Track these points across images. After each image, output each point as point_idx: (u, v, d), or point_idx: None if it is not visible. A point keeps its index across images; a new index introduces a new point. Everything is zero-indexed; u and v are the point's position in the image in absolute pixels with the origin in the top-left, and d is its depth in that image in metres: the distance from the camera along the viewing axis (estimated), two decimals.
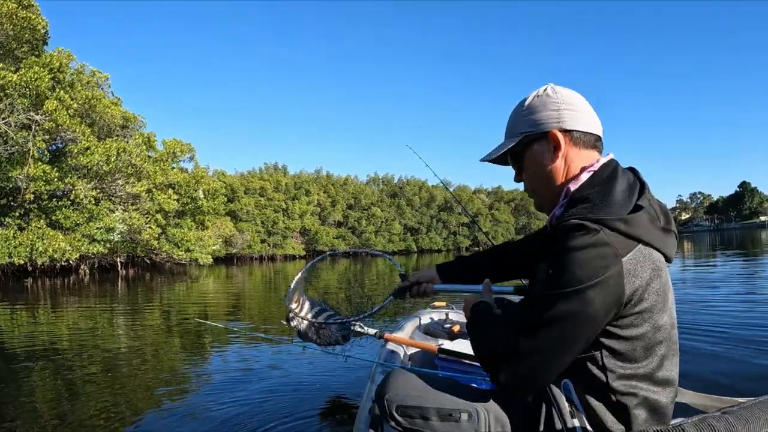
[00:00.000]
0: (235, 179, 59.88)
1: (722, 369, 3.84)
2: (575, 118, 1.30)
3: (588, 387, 1.22)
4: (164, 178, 30.23)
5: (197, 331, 6.93)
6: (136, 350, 5.56)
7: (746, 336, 4.84)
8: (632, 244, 1.14)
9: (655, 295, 1.17)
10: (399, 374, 1.51)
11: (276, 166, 70.94)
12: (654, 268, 1.17)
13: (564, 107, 1.30)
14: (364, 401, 2.28)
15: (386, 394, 1.44)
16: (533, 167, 1.37)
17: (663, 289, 1.20)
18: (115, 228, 25.89)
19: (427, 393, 1.41)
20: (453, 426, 1.36)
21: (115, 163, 24.50)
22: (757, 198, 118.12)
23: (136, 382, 4.19)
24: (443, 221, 79.95)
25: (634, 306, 1.14)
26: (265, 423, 3.04)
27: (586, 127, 1.31)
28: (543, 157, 1.33)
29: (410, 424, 1.40)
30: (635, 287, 1.13)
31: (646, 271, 1.15)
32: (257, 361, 4.72)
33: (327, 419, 3.10)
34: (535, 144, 1.34)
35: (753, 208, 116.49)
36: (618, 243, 1.12)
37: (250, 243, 54.62)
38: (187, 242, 31.90)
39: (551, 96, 1.32)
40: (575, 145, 1.30)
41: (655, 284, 1.17)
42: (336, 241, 66.84)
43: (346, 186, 73.71)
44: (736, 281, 10.14)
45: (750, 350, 4.29)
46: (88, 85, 27.42)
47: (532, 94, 1.36)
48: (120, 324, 7.84)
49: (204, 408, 3.41)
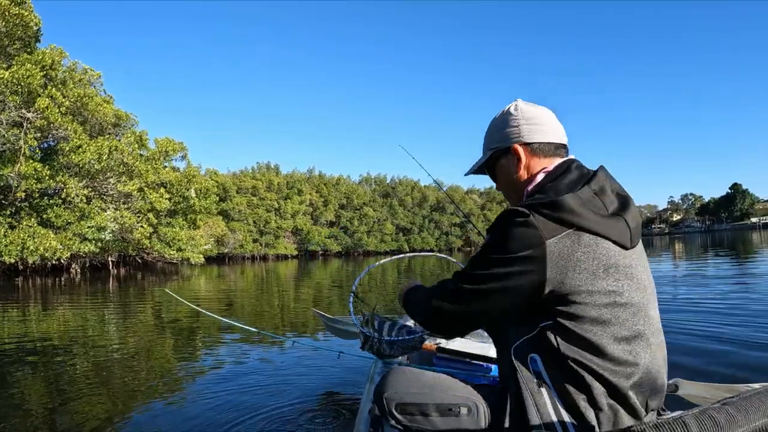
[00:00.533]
0: (228, 178, 59.71)
1: (721, 359, 3.92)
2: (534, 131, 1.45)
3: (551, 362, 1.26)
4: (156, 177, 30.11)
5: (189, 330, 6.92)
6: (128, 349, 5.53)
7: (741, 330, 4.96)
8: (561, 229, 1.22)
9: (591, 275, 1.22)
10: (397, 372, 1.52)
11: (268, 166, 70.73)
12: (590, 251, 1.23)
13: (524, 123, 1.46)
14: (364, 402, 2.29)
15: (385, 393, 1.45)
16: (503, 177, 1.55)
17: (610, 271, 1.24)
18: (107, 227, 25.74)
19: (426, 389, 1.42)
20: (453, 420, 1.38)
21: (107, 161, 24.39)
22: (748, 200, 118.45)
23: (129, 382, 4.16)
24: (435, 221, 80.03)
25: (570, 286, 1.21)
26: (263, 425, 3.01)
27: (545, 138, 1.45)
28: (509, 168, 1.49)
29: (410, 421, 1.41)
30: (563, 268, 1.21)
31: (579, 253, 1.22)
32: (252, 362, 4.69)
33: (327, 421, 3.07)
34: (502, 158, 1.51)
35: (744, 210, 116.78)
36: (545, 226, 1.21)
37: (242, 242, 54.48)
38: (178, 241, 31.78)
39: (513, 114, 1.48)
40: (535, 155, 1.45)
41: (592, 265, 1.22)
42: (328, 241, 66.75)
43: (338, 186, 73.62)
44: (728, 279, 10.21)
45: (742, 344, 4.38)
46: (80, 82, 27.23)
47: (499, 113, 1.53)
48: (111, 323, 7.80)
49: (198, 408, 3.37)
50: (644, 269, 1.34)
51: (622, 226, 1.28)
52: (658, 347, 1.32)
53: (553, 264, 1.20)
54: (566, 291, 1.21)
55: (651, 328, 1.29)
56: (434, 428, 1.40)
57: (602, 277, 1.23)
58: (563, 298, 1.22)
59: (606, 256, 1.24)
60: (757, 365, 3.73)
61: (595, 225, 1.24)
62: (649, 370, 1.27)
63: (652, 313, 1.32)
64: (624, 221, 1.29)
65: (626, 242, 1.28)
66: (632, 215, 1.32)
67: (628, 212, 1.31)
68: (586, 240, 1.23)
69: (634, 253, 1.31)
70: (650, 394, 1.29)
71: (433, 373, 1.51)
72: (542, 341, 1.26)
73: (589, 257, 1.22)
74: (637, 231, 1.33)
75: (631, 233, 1.30)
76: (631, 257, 1.30)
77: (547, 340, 1.25)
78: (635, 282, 1.28)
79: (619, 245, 1.27)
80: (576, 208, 1.23)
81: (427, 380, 1.46)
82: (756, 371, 3.55)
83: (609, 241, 1.25)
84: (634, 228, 1.31)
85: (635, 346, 1.25)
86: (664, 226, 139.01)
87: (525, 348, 1.30)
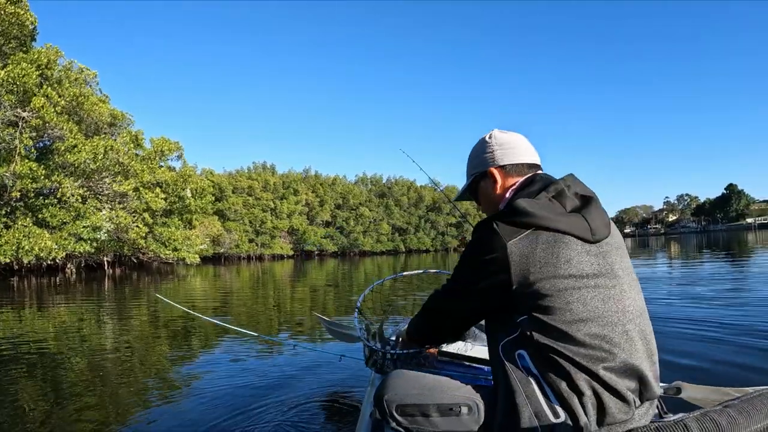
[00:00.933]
0: (223, 178, 59.65)
1: (722, 362, 3.91)
2: (506, 155, 1.61)
3: (535, 355, 1.32)
4: (152, 177, 30.05)
5: (186, 331, 6.87)
6: (124, 350, 5.49)
7: (738, 331, 4.97)
8: (520, 231, 1.33)
9: (553, 268, 1.31)
10: (397, 375, 1.53)
11: (264, 166, 70.70)
12: (549, 247, 1.32)
13: (497, 149, 1.63)
14: (365, 405, 2.28)
15: (385, 396, 1.46)
16: (483, 198, 1.71)
17: (572, 263, 1.32)
18: (102, 227, 25.66)
19: (426, 391, 1.44)
20: (454, 420, 1.39)
21: (102, 161, 24.32)
22: (743, 200, 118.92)
23: (124, 382, 4.12)
24: (431, 222, 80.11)
25: (534, 280, 1.30)
26: (264, 429, 2.97)
27: (517, 159, 1.61)
28: (487, 189, 1.66)
29: (411, 422, 1.42)
30: (525, 265, 1.31)
31: (538, 250, 1.32)
32: (252, 364, 4.62)
33: (329, 425, 3.06)
34: (482, 181, 1.67)
35: (739, 211, 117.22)
36: (504, 231, 1.34)
37: (238, 242, 54.39)
38: (174, 241, 31.72)
39: (488, 142, 1.66)
40: (509, 175, 1.61)
41: (552, 259, 1.31)
42: (324, 241, 66.71)
43: (334, 186, 73.63)
44: (726, 279, 10.23)
45: (743, 346, 4.38)
46: (75, 82, 27.12)
47: (477, 143, 1.71)
48: (107, 323, 7.69)
49: (194, 411, 3.33)
50: (618, 260, 1.41)
51: (580, 222, 1.37)
52: (639, 334, 1.35)
53: (515, 263, 1.31)
54: (532, 286, 1.30)
55: (627, 316, 1.34)
56: (435, 429, 1.41)
57: (564, 269, 1.31)
58: (531, 293, 1.31)
59: (567, 249, 1.32)
60: (758, 368, 3.72)
61: (551, 222, 1.34)
62: (630, 356, 1.31)
63: (628, 301, 1.36)
64: (582, 218, 1.38)
65: (587, 236, 1.36)
66: (593, 211, 1.41)
67: (587, 209, 1.41)
68: (545, 237, 1.33)
69: (602, 246, 1.39)
70: (639, 381, 1.31)
71: (432, 375, 1.53)
72: (524, 337, 1.33)
73: (548, 253, 1.31)
74: (600, 225, 1.40)
75: (591, 227, 1.37)
76: (598, 250, 1.37)
77: (527, 335, 1.32)
78: (603, 271, 1.35)
79: (581, 239, 1.35)
80: (530, 210, 1.34)
81: (427, 382, 1.48)
82: (758, 374, 3.56)
83: (569, 236, 1.34)
84: (595, 223, 1.39)
85: (608, 332, 1.30)
86: (660, 227, 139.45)
87: (511, 346, 1.36)
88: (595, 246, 1.37)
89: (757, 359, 3.95)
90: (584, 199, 1.45)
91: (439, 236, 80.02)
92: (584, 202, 1.44)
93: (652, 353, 1.38)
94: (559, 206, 1.39)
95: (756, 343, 4.44)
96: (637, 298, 1.41)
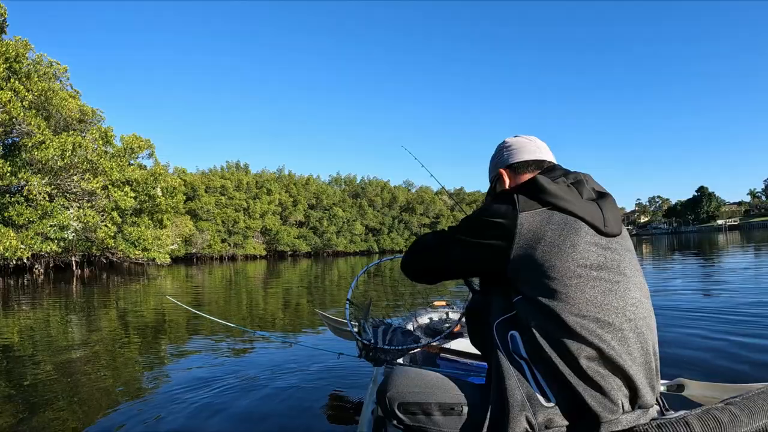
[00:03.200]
0: (196, 177, 58.83)
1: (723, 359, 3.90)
2: (513, 155, 1.67)
3: (527, 338, 1.33)
4: (121, 175, 29.36)
5: (155, 330, 6.73)
6: (93, 353, 5.30)
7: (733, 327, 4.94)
8: (536, 206, 1.37)
9: (557, 250, 1.31)
10: (399, 372, 1.53)
11: (238, 165, 70.09)
12: (559, 228, 1.33)
13: (505, 151, 1.70)
14: (366, 402, 2.28)
15: (387, 393, 1.45)
16: None
17: (578, 248, 1.32)
18: (69, 226, 25.02)
19: (428, 389, 1.43)
20: (455, 419, 1.39)
21: (71, 158, 23.72)
22: (714, 202, 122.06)
23: (95, 387, 3.96)
24: (405, 222, 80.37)
25: (537, 258, 1.31)
26: (264, 427, 2.94)
27: (524, 157, 1.65)
28: (501, 189, 1.67)
29: (413, 420, 1.42)
30: (530, 240, 1.32)
31: (547, 228, 1.33)
32: (249, 364, 4.52)
33: (330, 422, 3.04)
34: (497, 184, 1.71)
35: (710, 212, 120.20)
36: (522, 202, 1.37)
37: (210, 242, 53.78)
38: (144, 241, 31.07)
39: (499, 147, 1.75)
40: (517, 174, 1.64)
41: (559, 240, 1.32)
42: (297, 241, 66.42)
43: (308, 186, 73.33)
44: (696, 278, 10.38)
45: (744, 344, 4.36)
46: (45, 76, 26.40)
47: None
48: (75, 326, 7.57)
49: (169, 416, 3.21)
50: (626, 259, 1.40)
51: (595, 210, 1.39)
52: (636, 337, 1.32)
53: (521, 235, 1.33)
54: (533, 263, 1.31)
55: (626, 315, 1.32)
56: (437, 427, 1.40)
57: (567, 253, 1.30)
58: (530, 271, 1.32)
59: (575, 235, 1.33)
60: (760, 364, 3.71)
61: (567, 204, 1.36)
62: (620, 357, 1.28)
63: (631, 301, 1.34)
64: (597, 206, 1.40)
65: (599, 225, 1.37)
66: (608, 205, 1.43)
67: (603, 201, 1.43)
68: (557, 218, 1.34)
69: (612, 242, 1.39)
70: (628, 385, 1.29)
71: (435, 373, 1.53)
72: (517, 318, 1.35)
73: (557, 234, 1.32)
74: (613, 219, 1.41)
75: (604, 217, 1.38)
76: (607, 244, 1.37)
77: (521, 316, 1.34)
78: (609, 265, 1.35)
79: (593, 227, 1.36)
80: (548, 187, 1.38)
81: (429, 380, 1.47)
82: (760, 371, 3.54)
83: (582, 221, 1.35)
84: (609, 215, 1.40)
85: (601, 328, 1.28)
86: (632, 228, 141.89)
87: (505, 325, 1.39)
88: (605, 239, 1.38)
89: (760, 356, 3.93)
90: (600, 194, 1.48)
91: (413, 237, 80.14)
92: (600, 196, 1.47)
93: (650, 360, 1.34)
94: (576, 193, 1.42)
95: (757, 342, 4.41)
96: (644, 301, 1.39)
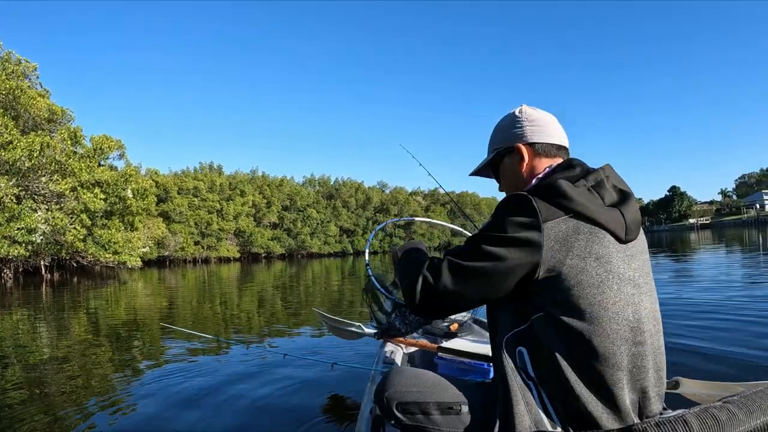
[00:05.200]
0: (169, 179, 57.93)
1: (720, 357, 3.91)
2: (536, 132, 1.51)
3: (537, 356, 1.28)
4: (90, 176, 28.76)
5: (128, 337, 6.56)
6: (64, 361, 5.13)
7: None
8: (559, 213, 1.25)
9: (583, 262, 1.24)
10: (398, 372, 1.51)
11: (211, 166, 69.27)
12: (584, 238, 1.25)
13: (527, 125, 1.52)
14: (365, 402, 2.29)
15: (386, 392, 1.44)
16: (506, 176, 1.59)
17: (601, 261, 1.25)
18: (37, 229, 24.42)
19: (427, 388, 1.42)
20: (454, 419, 1.38)
21: (38, 158, 23.18)
22: (685, 202, 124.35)
23: (66, 396, 3.85)
24: (379, 223, 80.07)
25: (563, 271, 1.23)
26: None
27: (548, 139, 1.51)
28: (513, 167, 1.54)
29: (411, 420, 1.40)
30: (557, 252, 1.23)
31: (573, 239, 1.24)
32: (237, 375, 4.37)
33: (326, 425, 3.03)
34: (506, 157, 1.56)
35: (682, 211, 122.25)
36: (544, 209, 1.25)
37: (183, 245, 53.10)
38: (114, 244, 30.49)
39: (518, 116, 1.54)
40: (538, 155, 1.50)
41: (584, 252, 1.24)
42: (271, 243, 66.01)
43: (281, 187, 72.90)
44: (668, 274, 10.52)
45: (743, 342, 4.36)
46: (12, 74, 25.70)
47: (504, 116, 1.60)
48: (44, 332, 7.36)
49: (143, 425, 3.16)
50: (641, 265, 1.35)
51: (618, 218, 1.31)
52: (650, 348, 1.30)
53: (548, 247, 1.23)
54: (558, 276, 1.23)
55: (642, 326, 1.28)
56: (435, 427, 1.39)
57: (593, 266, 1.24)
58: (555, 284, 1.24)
59: (600, 245, 1.26)
60: (758, 363, 3.69)
61: (591, 212, 1.26)
62: (638, 371, 1.26)
63: (644, 312, 1.30)
64: (620, 213, 1.32)
65: (621, 234, 1.30)
66: (630, 209, 1.35)
67: (625, 205, 1.34)
68: (583, 227, 1.26)
69: (629, 248, 1.33)
70: (641, 397, 1.28)
71: (434, 373, 1.51)
72: (531, 334, 1.28)
73: (582, 244, 1.24)
74: (634, 225, 1.34)
75: (626, 225, 1.31)
76: (626, 252, 1.31)
77: (535, 332, 1.27)
78: (628, 276, 1.29)
79: (615, 237, 1.29)
80: (571, 194, 1.26)
81: (428, 379, 1.46)
82: (758, 369, 3.53)
83: (605, 230, 1.28)
84: (630, 221, 1.33)
85: (619, 342, 1.24)
86: None
87: (514, 341, 1.31)
88: (624, 246, 1.31)
89: (757, 354, 3.92)
90: (622, 194, 1.38)
91: (387, 237, 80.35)
92: (622, 197, 1.37)
93: (660, 368, 1.33)
94: (599, 198, 1.32)
95: (756, 339, 4.40)
96: (654, 309, 1.36)
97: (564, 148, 1.54)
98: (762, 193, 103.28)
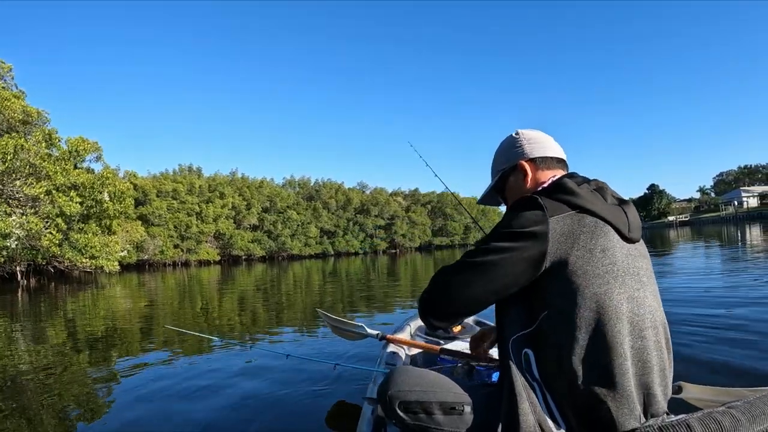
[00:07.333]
0: (147, 181, 56.90)
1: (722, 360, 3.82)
2: (536, 149, 1.62)
3: (543, 357, 1.32)
4: (66, 179, 28.17)
5: (109, 344, 6.37)
6: (42, 370, 4.94)
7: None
8: (565, 209, 1.34)
9: (589, 254, 1.29)
10: (400, 371, 1.52)
11: (190, 168, 68.38)
12: (590, 231, 1.32)
13: (526, 143, 1.64)
14: (366, 404, 2.28)
15: (389, 391, 1.45)
16: (513, 193, 1.68)
17: (607, 253, 1.31)
18: (12, 234, 23.88)
19: (429, 388, 1.44)
20: (456, 419, 1.39)
21: (12, 161, 22.68)
22: (664, 200, 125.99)
23: (46, 408, 3.69)
24: (360, 224, 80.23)
25: (569, 263, 1.28)
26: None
27: (547, 153, 1.62)
28: (518, 183, 1.65)
29: (414, 419, 1.41)
30: (563, 244, 1.29)
31: (579, 232, 1.31)
32: (238, 376, 4.30)
33: (327, 425, 3.02)
34: (511, 176, 1.67)
35: (661, 209, 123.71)
36: (549, 206, 1.34)
37: (163, 248, 52.35)
38: (91, 248, 29.92)
39: (516, 137, 1.67)
40: (540, 169, 1.61)
41: (590, 244, 1.30)
42: (252, 246, 65.50)
43: (261, 188, 72.32)
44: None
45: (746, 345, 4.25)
46: None
47: (502, 141, 1.73)
48: (20, 341, 7.11)
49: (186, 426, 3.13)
50: (644, 266, 1.40)
51: (621, 215, 1.40)
52: (655, 345, 1.32)
53: (554, 241, 1.29)
54: (566, 267, 1.29)
55: (646, 323, 1.31)
56: (438, 427, 1.40)
57: (599, 258, 1.30)
58: (563, 275, 1.29)
59: (605, 239, 1.33)
60: (762, 369, 3.58)
61: (596, 208, 1.35)
62: (643, 369, 1.29)
63: (648, 309, 1.33)
64: (623, 211, 1.42)
65: (624, 230, 1.38)
66: (631, 210, 1.45)
67: (627, 206, 1.45)
68: (588, 221, 1.33)
69: (632, 249, 1.39)
70: (646, 396, 1.29)
71: (436, 373, 1.53)
72: (538, 335, 1.32)
73: (587, 237, 1.31)
74: (636, 225, 1.43)
75: (629, 223, 1.40)
76: (629, 250, 1.38)
77: (543, 332, 1.31)
78: (631, 272, 1.34)
79: (619, 233, 1.37)
80: (576, 190, 1.38)
81: (430, 379, 1.48)
82: (762, 375, 3.45)
83: (609, 225, 1.35)
84: (632, 221, 1.42)
85: (624, 335, 1.27)
86: None
87: (521, 342, 1.36)
88: (627, 246, 1.38)
89: (761, 359, 3.83)
90: (622, 200, 1.48)
91: (368, 239, 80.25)
92: (622, 201, 1.47)
93: (665, 367, 1.35)
94: (601, 197, 1.42)
95: (759, 343, 4.27)
96: (657, 308, 1.39)
97: (563, 161, 1.65)
98: (740, 190, 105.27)
